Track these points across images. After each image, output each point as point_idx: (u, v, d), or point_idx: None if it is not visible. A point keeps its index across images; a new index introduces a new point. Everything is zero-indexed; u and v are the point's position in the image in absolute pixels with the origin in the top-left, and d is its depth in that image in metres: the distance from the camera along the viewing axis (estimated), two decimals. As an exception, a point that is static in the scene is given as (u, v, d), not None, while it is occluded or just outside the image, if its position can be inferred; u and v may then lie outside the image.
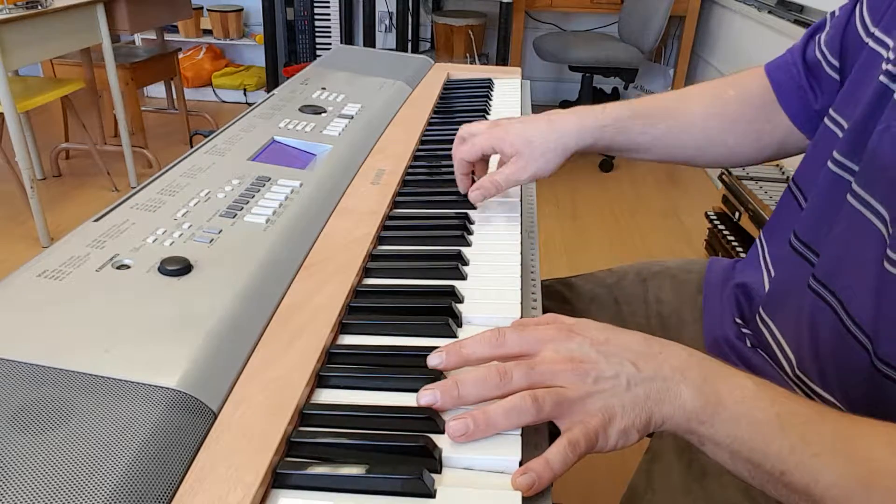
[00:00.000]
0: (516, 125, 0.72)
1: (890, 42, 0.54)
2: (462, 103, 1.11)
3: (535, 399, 0.43)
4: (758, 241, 0.72)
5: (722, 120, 0.73)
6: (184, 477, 0.39)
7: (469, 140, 0.74)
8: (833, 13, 0.67)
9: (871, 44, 0.57)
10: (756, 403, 0.43)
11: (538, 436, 0.46)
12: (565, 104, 3.72)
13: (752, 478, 0.44)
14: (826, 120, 0.61)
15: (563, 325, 0.48)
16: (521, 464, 0.41)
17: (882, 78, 0.52)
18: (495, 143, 0.72)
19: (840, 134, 0.57)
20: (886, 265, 0.48)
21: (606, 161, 3.10)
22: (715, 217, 2.11)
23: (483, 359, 0.47)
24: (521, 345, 0.46)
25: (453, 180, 0.77)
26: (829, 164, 0.57)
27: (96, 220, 0.61)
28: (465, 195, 0.75)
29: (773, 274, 0.66)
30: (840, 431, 0.42)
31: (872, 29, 0.59)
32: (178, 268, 0.54)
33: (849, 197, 0.53)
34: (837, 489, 0.40)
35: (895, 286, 0.47)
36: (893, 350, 0.49)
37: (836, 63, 0.65)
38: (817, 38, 0.68)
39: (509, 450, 0.42)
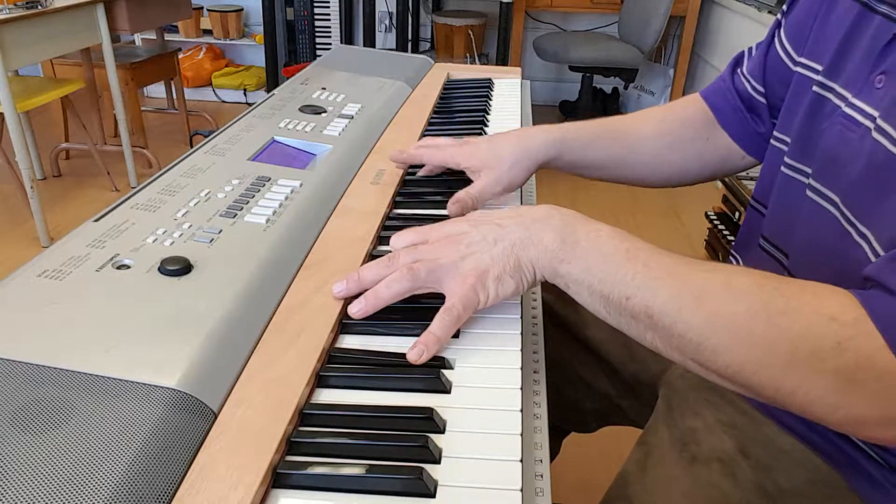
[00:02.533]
0: (484, 143, 0.76)
1: (818, 66, 0.61)
2: (462, 103, 1.11)
3: (410, 270, 0.51)
4: (731, 257, 0.77)
5: (667, 140, 0.80)
6: (184, 477, 0.39)
7: (439, 147, 0.78)
8: (750, 49, 0.77)
9: (801, 70, 0.65)
10: (608, 241, 0.49)
11: (539, 435, 0.46)
12: (565, 104, 3.72)
13: (608, 313, 0.49)
14: (772, 141, 0.68)
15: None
16: (521, 462, 0.42)
17: (815, 88, 0.60)
18: (461, 160, 0.75)
19: (786, 148, 0.64)
20: (847, 227, 0.53)
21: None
22: (715, 217, 2.11)
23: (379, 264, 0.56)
24: (413, 238, 0.56)
25: (453, 180, 0.77)
26: (782, 168, 0.64)
27: (96, 220, 0.61)
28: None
29: None
30: (679, 262, 0.48)
31: (798, 59, 0.66)
32: (178, 268, 0.54)
33: (808, 192, 0.59)
34: (672, 303, 0.46)
35: (856, 252, 0.52)
36: None
37: (761, 88, 0.73)
38: (739, 70, 0.77)
39: (509, 450, 0.43)
